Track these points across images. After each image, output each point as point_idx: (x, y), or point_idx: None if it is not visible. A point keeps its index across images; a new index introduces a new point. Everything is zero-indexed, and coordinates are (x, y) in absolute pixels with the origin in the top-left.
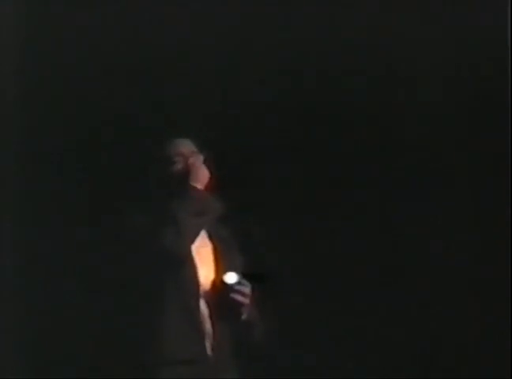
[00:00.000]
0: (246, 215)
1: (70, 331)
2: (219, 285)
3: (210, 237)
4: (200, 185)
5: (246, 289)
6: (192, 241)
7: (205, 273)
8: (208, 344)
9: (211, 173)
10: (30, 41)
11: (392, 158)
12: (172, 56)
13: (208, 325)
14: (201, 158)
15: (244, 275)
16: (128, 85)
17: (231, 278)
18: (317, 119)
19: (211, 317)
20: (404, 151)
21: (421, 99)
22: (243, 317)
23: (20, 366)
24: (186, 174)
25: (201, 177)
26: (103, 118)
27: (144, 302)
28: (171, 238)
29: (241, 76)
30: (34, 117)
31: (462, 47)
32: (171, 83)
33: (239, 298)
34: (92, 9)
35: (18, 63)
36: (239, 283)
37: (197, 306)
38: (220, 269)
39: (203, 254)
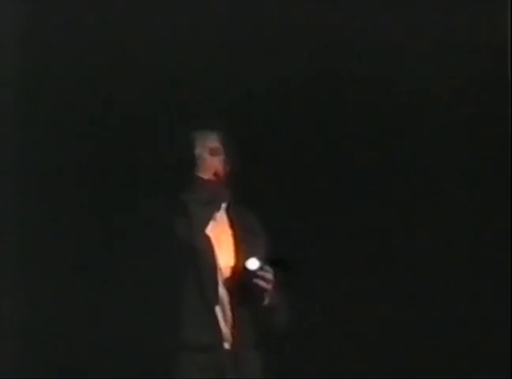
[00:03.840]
0: (268, 204)
1: (88, 320)
2: (240, 271)
3: (231, 224)
4: (206, 175)
5: (269, 274)
6: (202, 229)
7: (226, 260)
8: (228, 331)
9: (225, 163)
10: (30, 41)
11: (396, 158)
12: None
13: (228, 312)
14: (208, 149)
15: (267, 261)
16: (137, 82)
17: (252, 264)
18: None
19: (232, 303)
20: (405, 150)
21: (421, 99)
22: (265, 303)
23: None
24: (193, 164)
25: (208, 167)
26: (114, 111)
27: (160, 292)
28: (180, 227)
29: (261, 69)
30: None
31: (462, 48)
32: (181, 77)
33: (261, 283)
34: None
35: (18, 63)
36: (261, 268)
37: (215, 293)
38: (241, 255)
39: (223, 241)
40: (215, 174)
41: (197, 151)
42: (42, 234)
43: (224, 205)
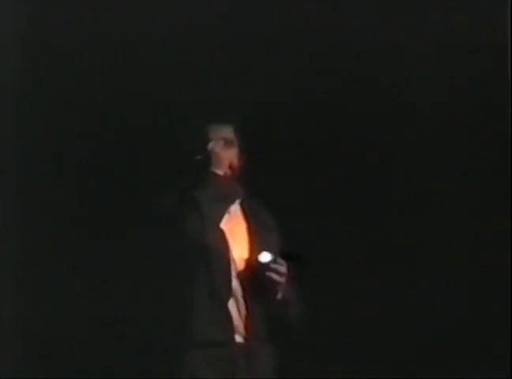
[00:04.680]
0: (281, 197)
1: (92, 317)
2: (253, 264)
3: (245, 217)
4: (221, 170)
5: (282, 268)
6: (215, 225)
7: (239, 252)
8: (241, 325)
9: (240, 157)
10: (30, 41)
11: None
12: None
13: (241, 305)
14: (223, 140)
15: (280, 254)
16: (138, 81)
17: (265, 256)
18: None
19: (245, 296)
20: (405, 150)
21: (421, 99)
22: (278, 296)
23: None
24: (207, 160)
25: (223, 160)
26: (115, 108)
27: (171, 287)
28: (193, 224)
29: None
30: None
31: (462, 48)
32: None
33: (274, 276)
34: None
35: (18, 63)
36: (274, 261)
37: (228, 287)
38: (255, 248)
39: (237, 234)
40: (230, 166)
41: (212, 144)
42: (42, 234)
43: (238, 199)
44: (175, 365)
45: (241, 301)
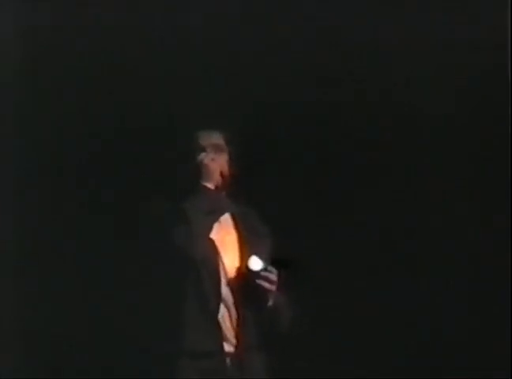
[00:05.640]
0: (272, 205)
1: (88, 323)
2: (244, 272)
3: (236, 225)
4: (211, 184)
5: (273, 275)
6: (205, 235)
7: (231, 261)
8: (232, 333)
9: (230, 163)
10: (30, 41)
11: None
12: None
13: (232, 313)
14: (213, 146)
15: (271, 261)
16: (138, 82)
17: (255, 264)
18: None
19: (236, 304)
20: (405, 151)
21: (421, 99)
22: (269, 303)
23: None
24: (197, 172)
25: (212, 173)
26: (114, 111)
27: (162, 298)
28: (183, 234)
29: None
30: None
31: (462, 47)
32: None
33: (265, 284)
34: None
35: (18, 63)
36: (265, 269)
37: (217, 298)
38: (247, 257)
39: (228, 243)
40: (221, 174)
41: (201, 156)
42: (42, 234)
43: (228, 212)
44: (165, 376)
45: (232, 309)
